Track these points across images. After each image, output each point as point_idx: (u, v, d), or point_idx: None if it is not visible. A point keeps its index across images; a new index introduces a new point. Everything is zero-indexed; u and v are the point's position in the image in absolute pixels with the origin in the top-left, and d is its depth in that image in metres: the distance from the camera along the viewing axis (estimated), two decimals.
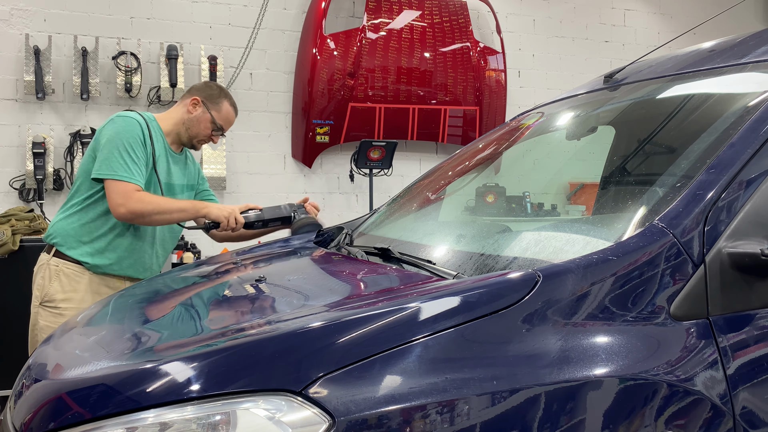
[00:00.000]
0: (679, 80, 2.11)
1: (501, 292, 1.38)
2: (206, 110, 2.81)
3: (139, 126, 2.64)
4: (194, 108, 2.82)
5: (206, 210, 2.67)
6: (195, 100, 2.82)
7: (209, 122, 2.83)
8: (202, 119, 2.81)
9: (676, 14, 7.07)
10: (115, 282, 2.67)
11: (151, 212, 2.55)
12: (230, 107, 2.90)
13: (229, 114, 2.90)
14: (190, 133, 2.83)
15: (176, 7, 5.39)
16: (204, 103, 2.82)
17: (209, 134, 2.86)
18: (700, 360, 1.40)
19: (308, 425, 1.21)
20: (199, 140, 2.86)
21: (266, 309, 1.71)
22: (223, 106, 2.86)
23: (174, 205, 2.63)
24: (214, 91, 2.88)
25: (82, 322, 1.95)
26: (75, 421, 1.31)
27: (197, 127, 2.82)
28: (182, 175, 2.88)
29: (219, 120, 2.85)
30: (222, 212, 2.66)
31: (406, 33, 5.75)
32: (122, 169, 2.52)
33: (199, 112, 2.81)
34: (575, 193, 3.45)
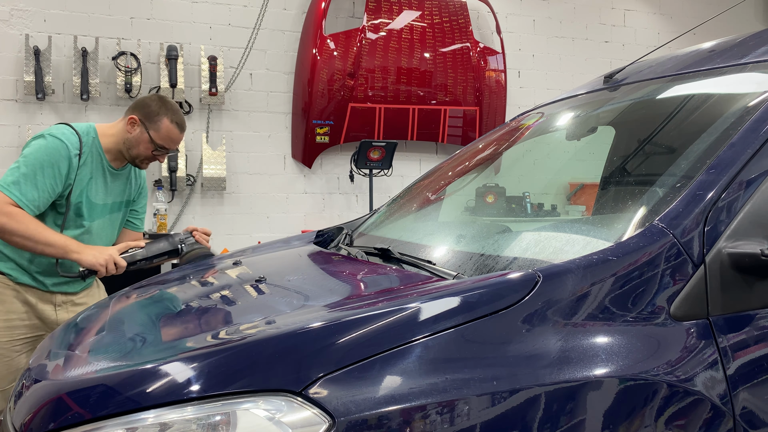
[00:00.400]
0: (679, 80, 2.11)
1: (501, 293, 1.38)
2: (144, 130, 2.62)
3: (66, 151, 2.50)
4: (132, 128, 2.63)
5: (77, 256, 2.44)
6: (132, 119, 2.63)
7: (148, 143, 2.63)
8: (141, 140, 2.62)
9: (676, 14, 7.07)
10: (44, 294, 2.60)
11: (14, 232, 2.37)
12: (171, 125, 2.65)
13: (171, 132, 2.65)
14: (131, 154, 2.65)
15: (176, 7, 5.39)
16: (142, 122, 2.62)
17: (150, 154, 2.67)
18: (700, 360, 1.40)
19: (308, 425, 1.21)
20: (141, 160, 2.69)
21: (266, 309, 1.71)
22: (162, 125, 2.63)
23: (44, 236, 2.41)
24: (153, 108, 2.64)
25: (82, 322, 1.95)
26: (75, 421, 1.31)
27: (136, 148, 2.64)
28: (121, 191, 2.74)
29: (158, 140, 2.64)
30: (97, 258, 2.43)
31: (406, 33, 5.75)
32: (14, 185, 2.40)
33: (137, 133, 2.62)
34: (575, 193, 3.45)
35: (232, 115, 5.56)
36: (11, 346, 2.58)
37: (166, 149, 2.68)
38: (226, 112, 5.54)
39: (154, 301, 2.09)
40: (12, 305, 2.56)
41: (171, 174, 5.20)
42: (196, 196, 5.45)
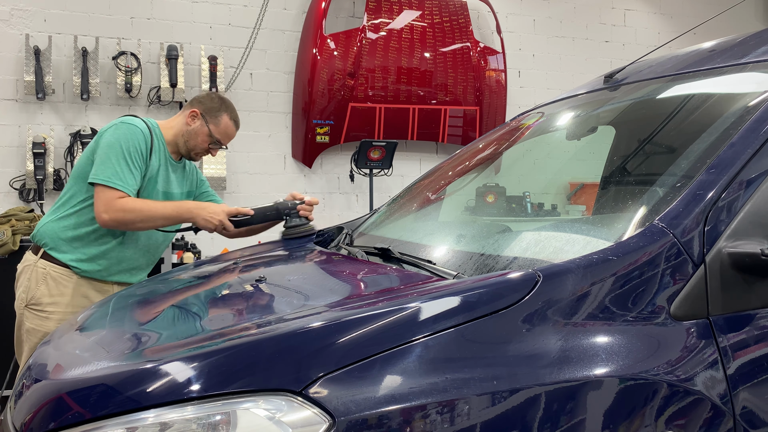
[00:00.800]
0: (680, 80, 2.11)
1: (501, 292, 1.38)
2: (204, 123, 2.75)
3: (141, 134, 2.60)
4: (193, 120, 2.75)
5: (192, 217, 2.61)
6: (194, 112, 2.76)
7: (206, 135, 2.76)
8: (199, 132, 2.74)
9: (676, 14, 7.07)
10: (102, 286, 2.65)
11: (134, 220, 2.51)
12: (230, 121, 2.81)
13: (228, 128, 2.81)
14: (188, 146, 2.77)
15: (176, 7, 5.39)
16: (203, 115, 2.75)
17: (206, 147, 2.79)
18: (700, 360, 1.40)
19: (308, 425, 1.21)
20: (196, 153, 2.80)
21: (266, 309, 1.71)
22: (222, 120, 2.78)
23: (158, 211, 2.56)
24: (215, 104, 2.80)
25: (82, 322, 1.95)
26: (75, 421, 1.31)
27: (195, 140, 2.75)
28: (181, 182, 2.84)
29: (217, 134, 2.77)
30: (208, 222, 2.59)
31: (406, 33, 5.75)
32: (114, 176, 2.49)
33: (197, 125, 2.74)
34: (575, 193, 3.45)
35: None
36: None
37: (220, 144, 2.81)
38: None
39: (155, 301, 2.09)
40: (74, 298, 2.60)
41: None
42: None
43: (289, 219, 2.65)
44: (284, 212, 2.66)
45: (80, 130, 5.04)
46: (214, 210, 2.61)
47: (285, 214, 2.66)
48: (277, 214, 2.68)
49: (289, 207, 2.67)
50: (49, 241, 2.60)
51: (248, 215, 2.64)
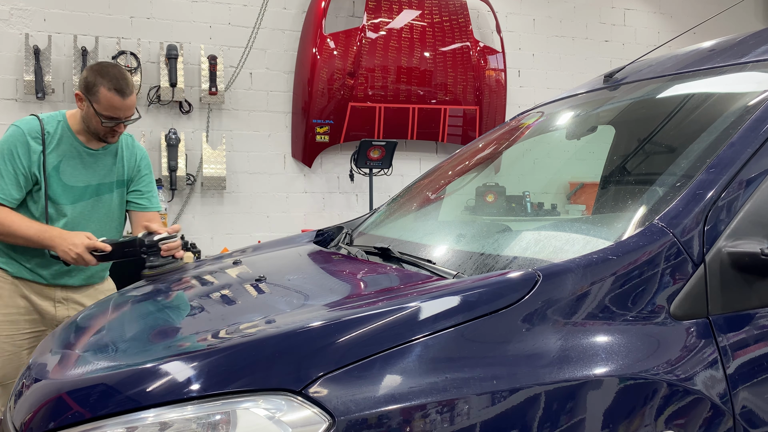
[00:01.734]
0: (679, 80, 2.11)
1: (501, 292, 1.38)
2: (89, 104, 2.52)
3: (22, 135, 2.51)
4: (81, 104, 2.56)
5: (52, 245, 2.45)
6: (78, 94, 2.56)
7: (94, 116, 2.53)
8: (90, 114, 2.54)
9: (676, 14, 7.07)
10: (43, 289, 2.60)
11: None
12: (108, 92, 2.49)
13: (110, 100, 2.50)
14: (90, 130, 2.59)
15: (176, 6, 5.39)
16: (85, 95, 2.53)
17: (104, 128, 2.55)
18: (700, 359, 1.40)
19: (308, 425, 1.21)
20: (103, 134, 2.58)
21: (266, 308, 1.71)
22: (100, 95, 2.50)
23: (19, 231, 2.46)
24: (90, 79, 2.52)
25: (82, 322, 1.95)
26: (75, 420, 1.31)
27: (90, 122, 2.56)
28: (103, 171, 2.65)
29: (102, 111, 2.51)
30: (66, 254, 2.43)
31: (405, 33, 5.75)
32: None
33: (85, 108, 2.54)
34: (575, 192, 3.45)
35: (232, 114, 5.56)
36: (13, 341, 2.59)
37: (114, 118, 2.53)
38: (226, 112, 5.54)
39: (155, 301, 2.08)
40: (11, 299, 2.56)
41: (171, 173, 5.20)
42: (196, 195, 5.45)
43: (149, 258, 2.44)
44: (141, 250, 2.44)
45: None
46: (73, 242, 2.42)
47: (143, 253, 2.44)
48: (136, 251, 2.47)
49: (146, 245, 2.43)
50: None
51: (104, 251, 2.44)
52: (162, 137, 5.22)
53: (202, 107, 5.45)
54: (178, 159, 5.21)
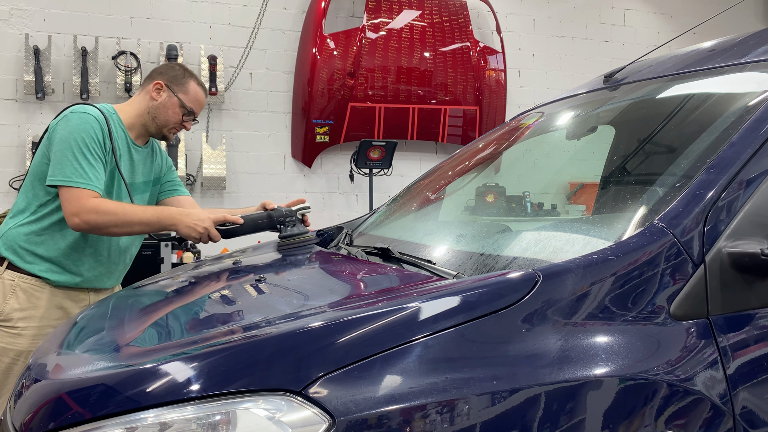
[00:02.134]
0: (679, 80, 2.11)
1: (501, 292, 1.38)
2: (172, 94, 2.51)
3: (96, 122, 2.35)
4: (158, 93, 2.51)
5: (174, 224, 2.35)
6: (158, 84, 2.51)
7: (178, 107, 2.52)
8: (169, 105, 2.51)
9: (676, 14, 7.07)
10: (78, 295, 2.45)
11: (108, 224, 2.27)
12: (198, 87, 2.57)
13: (198, 94, 2.57)
14: (158, 122, 2.52)
15: (176, 6, 5.39)
16: (168, 86, 2.51)
17: (180, 120, 2.54)
18: (700, 360, 1.40)
19: (308, 425, 1.21)
20: (169, 129, 2.55)
21: (266, 309, 1.71)
22: (190, 87, 2.54)
23: (136, 216, 2.32)
24: (178, 72, 2.56)
25: (82, 321, 1.95)
26: (75, 421, 1.31)
27: (165, 114, 2.51)
28: (148, 170, 2.60)
29: (188, 102, 2.53)
30: (192, 230, 2.33)
31: (406, 33, 5.75)
32: (77, 174, 2.26)
33: (165, 98, 2.51)
34: (575, 192, 3.45)
35: (232, 114, 5.56)
36: None
37: (194, 114, 2.57)
38: (226, 112, 5.54)
39: (154, 301, 2.09)
40: (48, 311, 2.39)
41: None
42: (196, 195, 5.45)
43: (284, 228, 2.45)
44: (278, 221, 2.44)
45: None
46: (198, 217, 2.35)
47: (279, 223, 2.45)
48: (270, 222, 2.45)
49: (284, 214, 2.45)
50: (11, 253, 2.36)
51: (236, 224, 2.39)
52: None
53: None
54: (178, 159, 5.22)
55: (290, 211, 2.46)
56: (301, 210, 2.50)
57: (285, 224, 2.44)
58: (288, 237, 2.43)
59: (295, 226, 2.45)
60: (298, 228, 2.46)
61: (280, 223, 2.44)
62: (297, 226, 2.46)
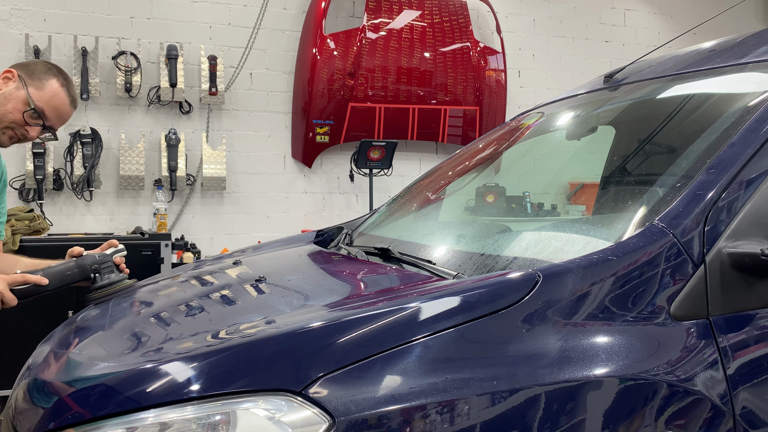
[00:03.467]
0: (680, 80, 2.11)
1: (501, 292, 1.38)
2: (22, 86, 2.02)
3: None
4: (5, 83, 2.04)
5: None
6: (8, 72, 2.05)
7: (22, 102, 2.01)
8: (12, 96, 2.01)
9: (676, 14, 7.07)
10: None
11: None
12: (61, 88, 2.07)
13: (57, 97, 2.06)
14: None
15: (176, 7, 5.39)
16: (21, 77, 2.04)
17: (21, 120, 2.02)
18: (700, 360, 1.40)
19: (308, 425, 1.21)
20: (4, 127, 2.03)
21: (266, 309, 1.71)
22: (48, 85, 2.05)
23: None
24: (40, 67, 2.09)
25: (82, 322, 1.95)
26: (75, 421, 1.30)
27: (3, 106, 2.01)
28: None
29: (38, 101, 2.02)
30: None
31: (406, 33, 5.75)
32: None
33: (11, 88, 2.02)
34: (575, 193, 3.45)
35: (232, 114, 5.56)
36: None
37: (41, 119, 2.04)
38: (226, 112, 5.54)
39: (154, 301, 2.08)
40: None
41: (171, 174, 5.20)
42: (196, 195, 5.45)
43: (99, 277, 2.11)
44: (91, 269, 2.10)
45: (80, 130, 5.04)
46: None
47: (93, 272, 2.10)
48: (81, 273, 2.09)
49: (97, 261, 2.10)
50: None
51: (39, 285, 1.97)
52: (162, 137, 5.22)
53: (202, 107, 5.44)
54: (178, 159, 5.21)
55: (104, 257, 2.13)
56: (116, 254, 2.16)
57: (100, 272, 2.12)
58: (103, 287, 2.12)
59: (112, 273, 2.13)
60: (115, 275, 2.14)
61: (94, 272, 2.11)
62: (114, 272, 2.14)
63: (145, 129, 5.24)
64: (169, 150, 5.18)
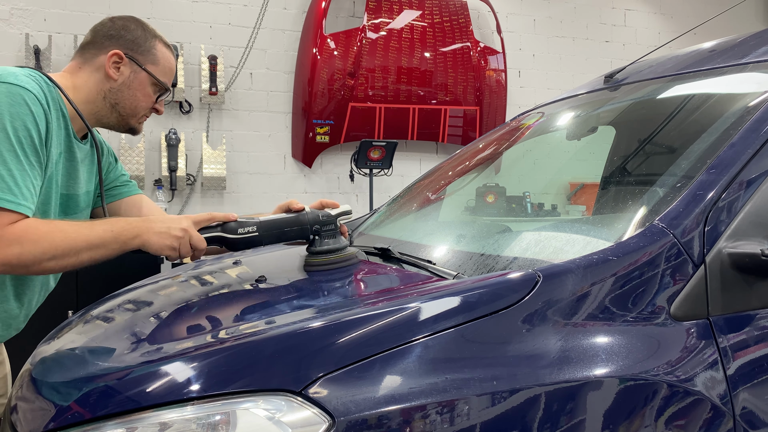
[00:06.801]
0: (680, 80, 2.11)
1: (501, 293, 1.38)
2: (138, 67, 1.78)
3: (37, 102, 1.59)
4: (118, 70, 1.77)
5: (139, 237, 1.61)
6: (116, 54, 1.76)
7: (151, 85, 1.81)
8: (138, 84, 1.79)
9: (677, 14, 7.07)
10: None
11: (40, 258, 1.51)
12: (165, 48, 1.84)
13: (170, 60, 1.84)
14: (121, 110, 1.79)
15: (176, 6, 5.39)
16: (131, 57, 1.77)
17: (153, 103, 1.84)
18: (700, 360, 1.40)
19: (308, 425, 1.21)
20: (139, 117, 1.84)
21: (266, 309, 1.71)
22: (159, 52, 1.82)
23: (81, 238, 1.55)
24: (137, 32, 1.80)
25: (81, 321, 1.95)
26: (75, 421, 1.30)
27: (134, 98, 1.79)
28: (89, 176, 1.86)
29: (161, 76, 1.82)
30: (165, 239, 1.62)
31: (406, 33, 5.75)
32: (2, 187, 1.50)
33: (129, 75, 1.78)
34: (575, 193, 3.45)
35: (232, 114, 5.56)
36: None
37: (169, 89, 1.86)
38: (226, 112, 5.54)
39: (153, 301, 2.08)
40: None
41: (171, 173, 5.20)
42: (196, 195, 5.45)
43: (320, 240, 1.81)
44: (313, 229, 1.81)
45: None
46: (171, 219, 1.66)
47: (314, 233, 1.81)
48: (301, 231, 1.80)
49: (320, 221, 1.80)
50: None
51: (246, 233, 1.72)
52: (162, 137, 5.22)
53: (202, 107, 5.45)
54: (178, 159, 5.22)
55: (329, 217, 1.82)
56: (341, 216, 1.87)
57: (321, 235, 1.82)
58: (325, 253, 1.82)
59: (333, 238, 1.83)
60: (338, 241, 1.83)
61: (315, 233, 1.82)
62: (336, 237, 1.84)
63: (145, 129, 5.25)
64: (169, 150, 5.18)
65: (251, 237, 1.73)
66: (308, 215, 1.82)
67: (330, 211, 1.86)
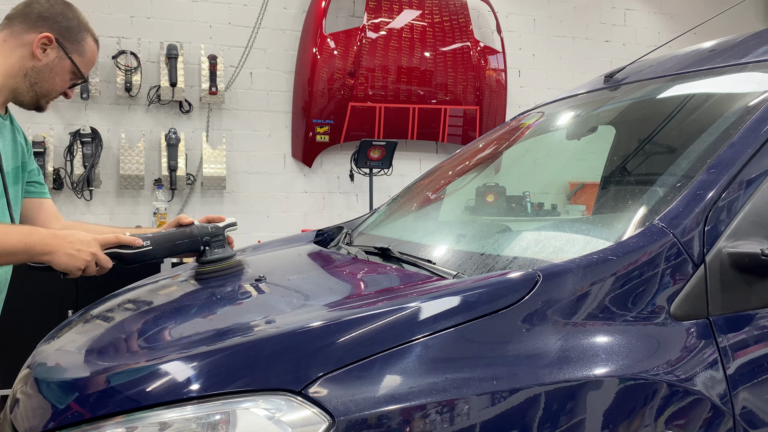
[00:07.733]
0: (680, 80, 2.11)
1: (501, 292, 1.38)
2: (64, 54, 1.85)
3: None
4: (44, 51, 1.83)
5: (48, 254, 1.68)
6: (46, 37, 1.83)
7: (69, 72, 1.89)
8: (58, 69, 1.86)
9: (677, 14, 7.07)
10: None
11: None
12: (94, 43, 1.96)
13: (94, 54, 1.95)
14: (38, 90, 1.86)
15: (176, 6, 5.38)
16: (60, 42, 1.85)
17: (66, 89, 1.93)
18: (700, 360, 1.40)
19: (308, 425, 1.21)
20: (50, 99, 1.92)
21: (266, 308, 1.71)
22: (87, 45, 1.92)
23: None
24: (71, 22, 1.90)
25: (81, 321, 1.95)
26: (75, 420, 1.31)
27: (51, 80, 1.86)
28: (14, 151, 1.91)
29: (83, 67, 1.91)
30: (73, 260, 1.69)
31: (406, 32, 5.74)
32: None
33: (54, 58, 1.84)
34: (575, 192, 3.45)
35: (232, 114, 5.56)
36: None
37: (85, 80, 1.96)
38: (226, 111, 5.54)
39: (153, 300, 2.08)
40: None
41: (171, 173, 5.20)
42: (196, 195, 5.45)
43: (209, 250, 1.98)
44: (203, 240, 1.96)
45: (80, 129, 5.03)
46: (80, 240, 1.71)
47: (204, 244, 1.96)
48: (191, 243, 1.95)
49: (210, 233, 1.97)
50: None
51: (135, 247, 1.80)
52: (162, 137, 5.22)
53: (202, 107, 5.44)
54: (178, 159, 5.21)
55: (217, 229, 2.00)
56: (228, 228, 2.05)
57: (210, 245, 1.98)
58: (212, 262, 1.99)
59: (222, 247, 2.00)
60: (225, 250, 2.01)
61: (205, 244, 1.97)
62: (225, 247, 2.01)
63: (145, 128, 5.24)
64: (169, 149, 5.17)
65: (145, 251, 1.86)
66: (198, 228, 1.99)
67: (218, 224, 2.02)
